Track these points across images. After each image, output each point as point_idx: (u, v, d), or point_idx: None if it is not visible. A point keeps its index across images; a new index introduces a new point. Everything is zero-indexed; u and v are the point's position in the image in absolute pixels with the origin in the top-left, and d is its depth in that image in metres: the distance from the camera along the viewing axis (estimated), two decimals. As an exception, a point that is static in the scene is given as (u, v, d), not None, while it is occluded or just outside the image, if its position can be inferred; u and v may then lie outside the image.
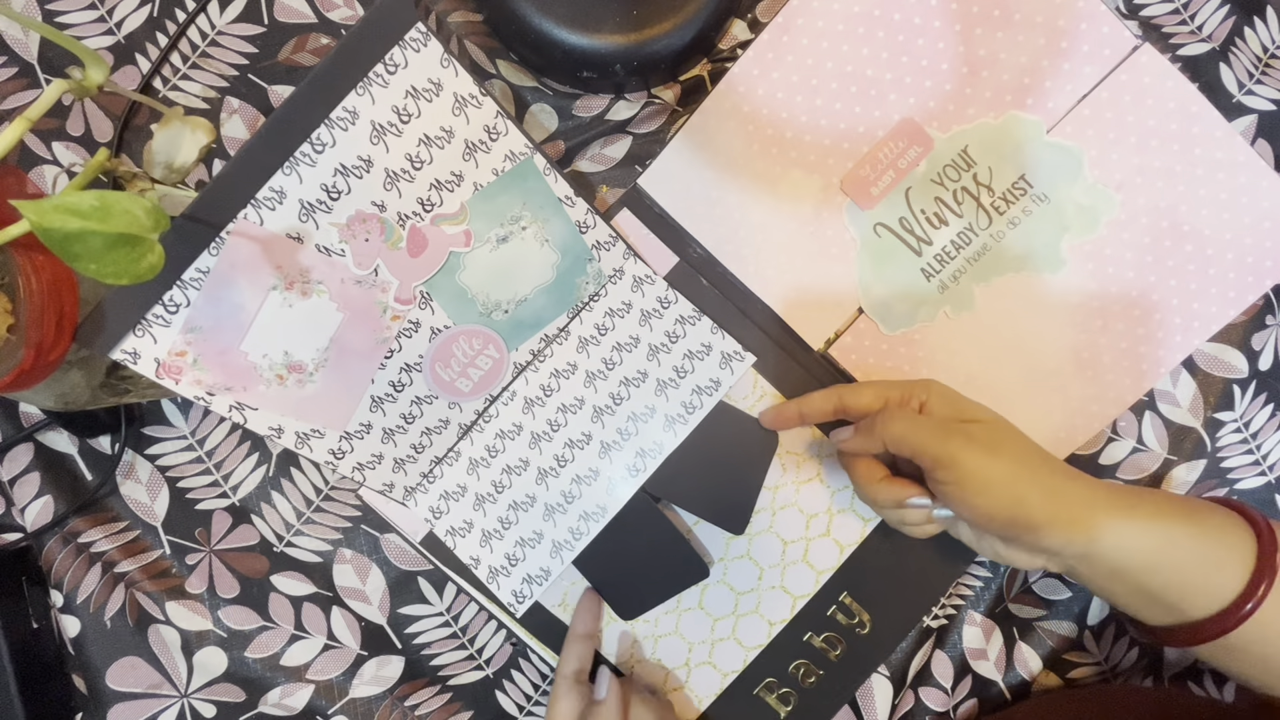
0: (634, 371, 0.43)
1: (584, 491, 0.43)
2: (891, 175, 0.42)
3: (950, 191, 0.42)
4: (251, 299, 0.33)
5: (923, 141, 0.42)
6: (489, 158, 0.36)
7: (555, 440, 0.43)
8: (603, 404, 0.43)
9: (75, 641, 0.44)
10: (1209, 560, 0.33)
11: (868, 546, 0.44)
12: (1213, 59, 0.44)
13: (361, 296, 0.35)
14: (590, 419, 0.43)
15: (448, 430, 0.42)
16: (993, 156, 0.42)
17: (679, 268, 0.44)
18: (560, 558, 0.43)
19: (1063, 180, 0.42)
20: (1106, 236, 0.42)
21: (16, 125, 0.27)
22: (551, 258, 0.40)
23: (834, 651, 0.44)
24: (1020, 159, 0.42)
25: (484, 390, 0.42)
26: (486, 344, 0.40)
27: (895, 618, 0.44)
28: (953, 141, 0.42)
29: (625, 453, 0.43)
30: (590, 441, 0.43)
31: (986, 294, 0.43)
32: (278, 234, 0.32)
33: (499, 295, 0.40)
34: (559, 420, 0.43)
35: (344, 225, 0.33)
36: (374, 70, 0.32)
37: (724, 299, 0.44)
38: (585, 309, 0.43)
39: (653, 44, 0.41)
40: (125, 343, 0.32)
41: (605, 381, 0.43)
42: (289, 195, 0.32)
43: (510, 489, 0.43)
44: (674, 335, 0.43)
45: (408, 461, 0.41)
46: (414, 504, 0.43)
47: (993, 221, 0.43)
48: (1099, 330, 0.43)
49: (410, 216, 0.35)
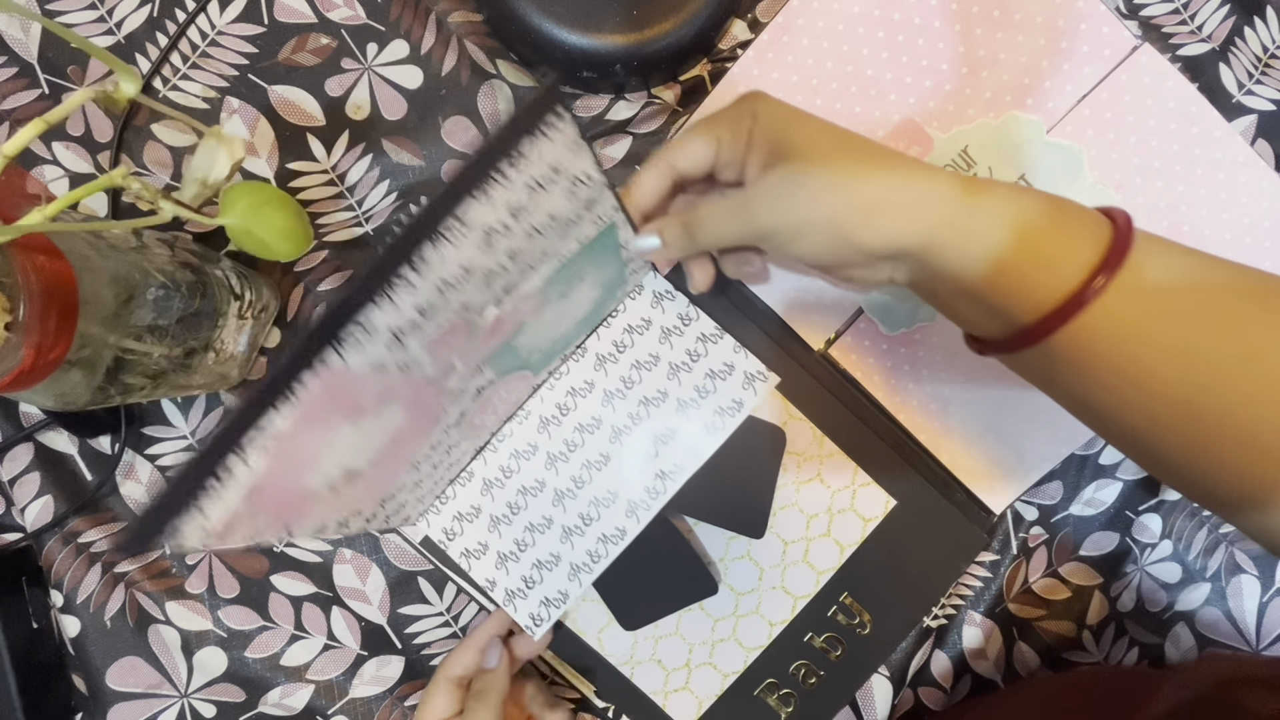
0: (654, 391, 0.42)
1: (602, 514, 0.42)
2: None
3: None
4: (320, 442, 0.27)
5: (923, 141, 0.42)
6: (580, 228, 0.31)
7: (572, 461, 0.42)
8: (621, 424, 0.42)
9: (75, 641, 0.44)
10: (1055, 251, 0.28)
11: (868, 546, 0.44)
12: (1213, 59, 0.44)
13: (430, 392, 0.32)
14: (608, 440, 0.42)
15: (459, 450, 0.41)
16: (993, 157, 0.42)
17: (677, 268, 0.44)
18: (579, 580, 0.43)
19: (1063, 180, 0.42)
20: None
21: (32, 127, 0.27)
22: (596, 294, 0.38)
23: (834, 652, 0.44)
24: (1020, 159, 0.42)
25: (504, 416, 0.41)
26: (520, 382, 0.39)
27: (896, 618, 0.44)
28: (953, 141, 0.42)
29: (645, 475, 0.42)
30: (608, 463, 0.42)
31: None
32: (363, 370, 0.26)
33: (543, 342, 0.38)
34: (575, 440, 0.42)
35: (435, 340, 0.28)
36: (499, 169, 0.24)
37: (723, 299, 0.44)
38: (603, 324, 0.42)
39: (653, 44, 0.41)
40: (180, 534, 0.24)
41: (624, 401, 0.42)
42: (379, 327, 0.25)
43: (526, 510, 0.43)
44: (695, 354, 0.42)
45: (420, 486, 0.40)
46: (426, 525, 0.43)
47: None
48: None
49: (496, 305, 0.30)
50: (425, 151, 0.45)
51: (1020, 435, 0.43)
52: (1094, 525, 0.46)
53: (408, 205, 0.45)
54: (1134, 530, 0.46)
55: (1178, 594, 0.46)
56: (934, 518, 0.43)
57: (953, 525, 0.43)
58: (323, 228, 0.45)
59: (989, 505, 0.44)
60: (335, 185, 0.45)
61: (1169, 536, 0.46)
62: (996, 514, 0.44)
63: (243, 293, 0.41)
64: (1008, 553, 0.45)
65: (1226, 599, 0.46)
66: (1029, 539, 0.46)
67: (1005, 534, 0.46)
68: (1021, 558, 0.46)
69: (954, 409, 0.43)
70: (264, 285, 0.43)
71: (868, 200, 0.28)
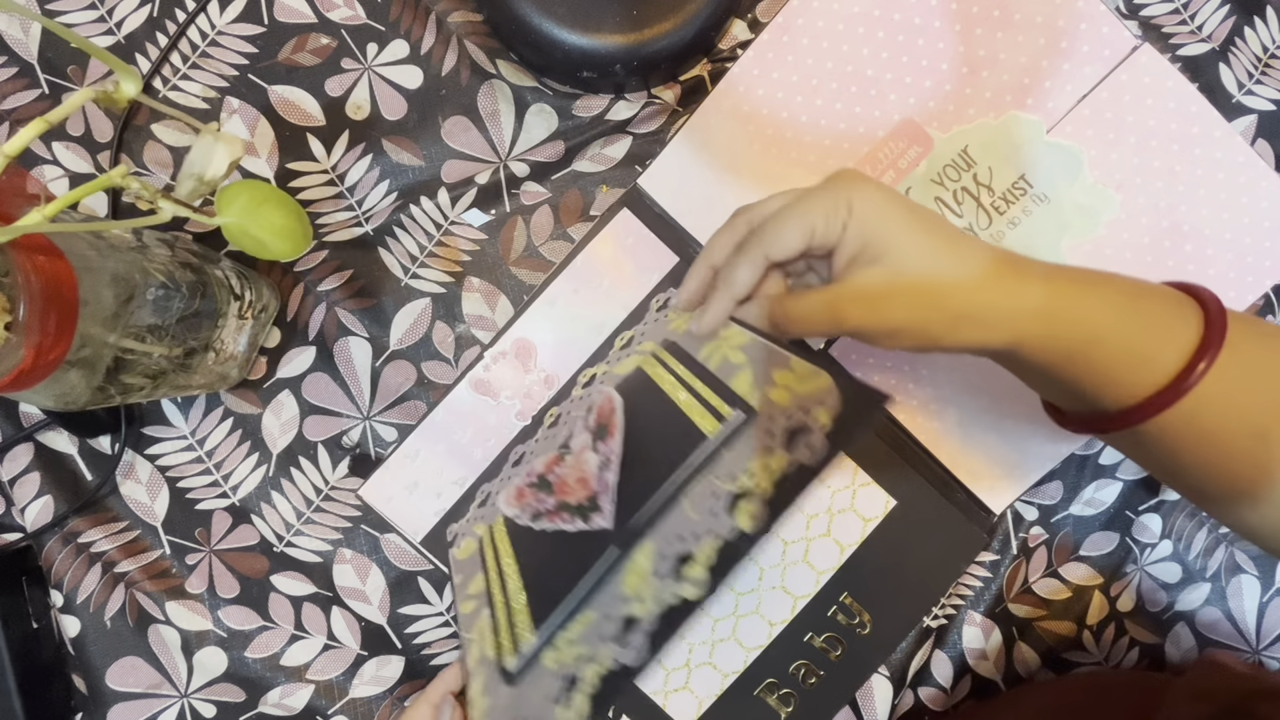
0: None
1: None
2: (892, 175, 0.42)
3: (950, 191, 0.42)
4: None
5: (923, 141, 0.42)
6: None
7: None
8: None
9: (75, 641, 0.44)
10: (1142, 344, 0.30)
11: (868, 546, 0.44)
12: (1212, 59, 0.44)
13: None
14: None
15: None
16: (993, 156, 0.42)
17: (679, 267, 0.44)
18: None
19: (1063, 180, 0.42)
20: (1106, 236, 0.42)
21: (32, 127, 0.27)
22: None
23: (834, 652, 0.44)
24: (1020, 159, 0.42)
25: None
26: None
27: (896, 618, 0.44)
28: (953, 141, 0.42)
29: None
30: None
31: None
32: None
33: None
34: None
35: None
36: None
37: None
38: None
39: (653, 44, 0.41)
40: None
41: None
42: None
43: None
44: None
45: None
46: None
47: (993, 221, 0.43)
48: None
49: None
50: (425, 151, 0.45)
51: (1020, 435, 0.43)
52: (1094, 525, 0.46)
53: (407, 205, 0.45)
54: (1134, 530, 0.46)
55: (1178, 594, 0.46)
56: (934, 518, 0.43)
57: (953, 525, 0.43)
58: (323, 228, 0.45)
59: (989, 505, 0.44)
60: (335, 185, 0.45)
61: (1169, 536, 0.46)
62: (996, 514, 0.44)
63: (243, 293, 0.41)
64: (1008, 553, 0.45)
65: (1226, 599, 0.46)
66: (1029, 539, 0.46)
67: (1005, 534, 0.46)
68: (1021, 558, 0.46)
69: (953, 409, 0.43)
70: (264, 285, 0.43)
71: (955, 313, 0.30)
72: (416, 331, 0.45)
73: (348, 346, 0.45)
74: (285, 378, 0.45)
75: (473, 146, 0.45)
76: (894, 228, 0.30)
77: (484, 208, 0.45)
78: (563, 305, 0.44)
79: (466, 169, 0.45)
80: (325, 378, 0.45)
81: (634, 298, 0.44)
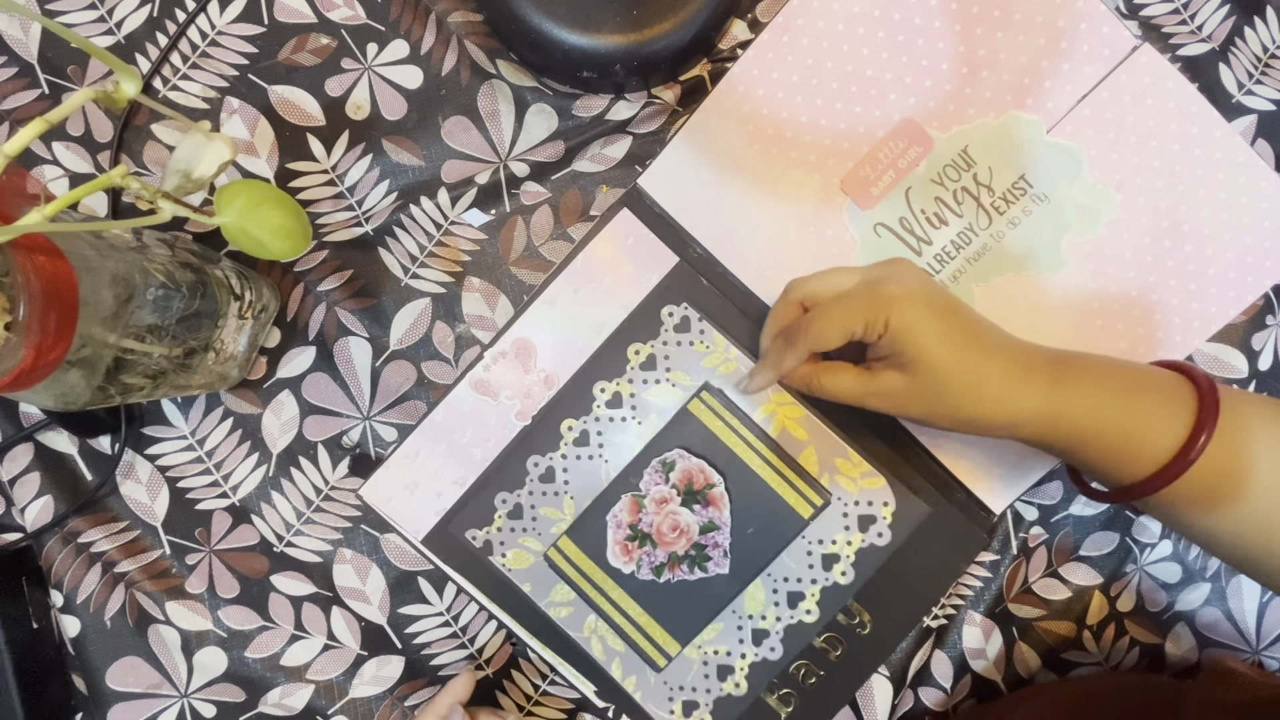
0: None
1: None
2: (892, 175, 0.42)
3: (950, 191, 0.42)
4: None
5: (923, 141, 0.42)
6: None
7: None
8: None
9: (75, 641, 0.44)
10: (1145, 428, 0.34)
11: (870, 547, 0.44)
12: (1212, 59, 0.44)
13: None
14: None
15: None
16: (993, 156, 0.42)
17: (679, 267, 0.44)
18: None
19: (1063, 180, 0.42)
20: (1106, 236, 0.42)
21: (32, 127, 0.27)
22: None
23: (835, 652, 0.44)
24: (1020, 159, 0.42)
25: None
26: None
27: (896, 618, 0.44)
28: (953, 141, 0.42)
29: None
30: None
31: (987, 294, 0.43)
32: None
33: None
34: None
35: None
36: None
37: (724, 298, 0.44)
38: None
39: (653, 44, 0.41)
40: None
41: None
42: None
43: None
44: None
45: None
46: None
47: (993, 221, 0.43)
48: (1099, 330, 0.43)
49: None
50: (425, 151, 0.45)
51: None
52: (1094, 525, 0.46)
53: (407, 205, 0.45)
54: (1134, 530, 0.46)
55: (1178, 594, 0.46)
56: (934, 518, 0.43)
57: (953, 525, 0.43)
58: (323, 228, 0.45)
59: (989, 505, 0.44)
60: (335, 185, 0.45)
61: (1169, 536, 0.46)
62: (996, 514, 0.44)
63: (243, 293, 0.41)
64: (1008, 553, 0.45)
65: (1226, 599, 0.46)
66: (1029, 539, 0.46)
67: (1005, 534, 0.46)
68: (1021, 558, 0.46)
69: None
70: (264, 285, 0.43)
71: (961, 417, 0.36)
72: (416, 331, 0.45)
73: (348, 346, 0.45)
74: (285, 378, 0.45)
75: (473, 146, 0.45)
76: (923, 344, 0.35)
77: (484, 208, 0.45)
78: (563, 305, 0.44)
79: (466, 169, 0.45)
80: (325, 378, 0.45)
81: (634, 297, 0.44)
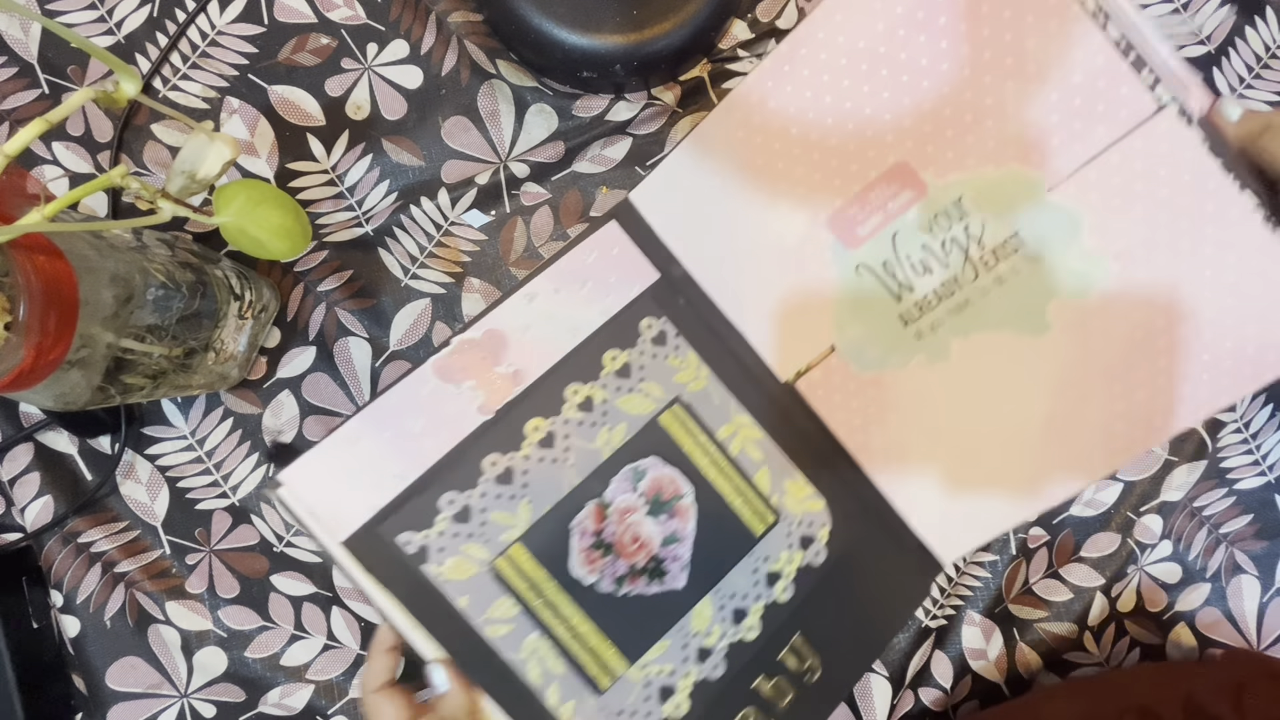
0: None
1: None
2: (880, 217, 0.41)
3: (939, 240, 0.40)
4: None
5: (916, 186, 0.40)
6: None
7: None
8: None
9: (75, 641, 0.44)
10: None
11: (808, 566, 0.43)
12: (1207, 62, 0.44)
13: None
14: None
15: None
16: (987, 210, 0.40)
17: (660, 283, 0.43)
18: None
19: (1058, 243, 0.39)
20: (1097, 306, 0.39)
21: (33, 127, 0.27)
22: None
23: (783, 700, 0.42)
24: (1016, 216, 0.39)
25: None
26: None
27: (844, 664, 0.43)
28: (947, 190, 0.40)
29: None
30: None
31: (964, 348, 0.41)
32: None
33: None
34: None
35: None
36: None
37: (699, 319, 0.43)
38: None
39: (653, 44, 0.41)
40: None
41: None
42: None
43: None
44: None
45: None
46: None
47: (979, 276, 0.40)
48: (1076, 401, 0.40)
49: None
50: (425, 151, 0.45)
51: (979, 494, 0.42)
52: (1094, 526, 0.46)
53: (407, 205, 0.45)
54: (1134, 531, 0.46)
55: (1178, 594, 0.46)
56: (884, 563, 0.43)
57: (900, 572, 0.43)
58: (323, 228, 0.45)
59: (939, 557, 0.43)
60: (335, 185, 0.45)
61: (1169, 537, 0.46)
62: (946, 565, 0.43)
63: (243, 292, 0.41)
64: (1005, 553, 0.45)
65: (1226, 599, 0.46)
66: (1029, 540, 0.46)
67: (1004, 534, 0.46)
68: (1021, 558, 0.46)
69: (915, 459, 0.42)
70: (264, 285, 0.43)
71: None
72: (416, 332, 0.45)
73: (347, 347, 0.45)
74: (285, 378, 0.45)
75: (473, 147, 0.45)
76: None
77: (484, 208, 0.45)
78: (541, 301, 0.42)
79: (466, 169, 0.45)
80: (325, 378, 0.45)
81: (614, 305, 0.43)
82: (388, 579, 0.39)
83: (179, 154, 0.33)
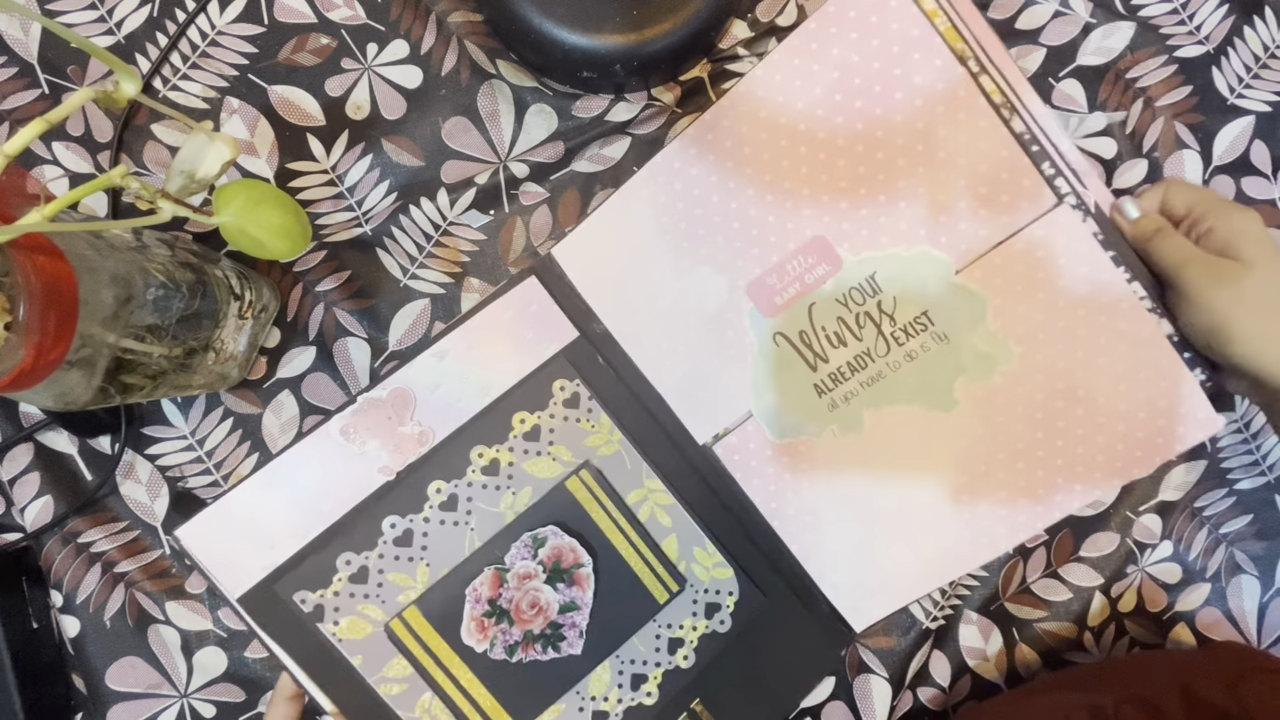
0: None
1: None
2: (797, 288, 0.41)
3: (853, 314, 0.41)
4: None
5: (832, 260, 0.41)
6: None
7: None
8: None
9: (75, 641, 0.44)
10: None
11: (725, 651, 0.43)
12: (1206, 62, 0.44)
13: None
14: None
15: None
16: (899, 287, 0.41)
17: (578, 342, 0.42)
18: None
19: (964, 323, 0.41)
20: (1000, 386, 0.41)
21: (33, 127, 0.27)
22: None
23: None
24: (925, 295, 0.41)
25: None
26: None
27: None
28: (862, 266, 0.41)
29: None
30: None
31: (876, 420, 0.42)
32: None
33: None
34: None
35: None
36: None
37: (618, 379, 0.42)
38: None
39: (653, 44, 0.41)
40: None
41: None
42: None
43: None
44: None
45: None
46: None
47: (890, 350, 0.41)
48: (981, 475, 0.41)
49: None
50: (425, 151, 0.45)
51: (891, 561, 0.42)
52: (1093, 526, 0.46)
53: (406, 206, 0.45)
54: (1134, 531, 0.46)
55: (1178, 594, 0.46)
56: (793, 629, 0.43)
57: (810, 639, 0.43)
58: (322, 228, 0.45)
59: (851, 623, 0.43)
60: (335, 185, 0.45)
61: (1169, 537, 0.46)
62: (858, 632, 0.43)
63: (243, 292, 0.41)
64: (1007, 553, 0.46)
65: (1226, 599, 0.46)
66: (1027, 540, 0.46)
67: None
68: (1018, 557, 0.46)
69: (829, 525, 0.42)
70: (264, 285, 0.43)
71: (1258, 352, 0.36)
72: (415, 332, 0.45)
73: (346, 347, 0.45)
74: (285, 378, 0.45)
75: (472, 147, 0.45)
76: (1263, 255, 0.36)
77: (483, 208, 0.45)
78: (452, 360, 0.42)
79: (466, 169, 0.45)
80: (325, 378, 0.45)
81: (528, 364, 0.42)
82: (282, 636, 0.40)
83: (179, 154, 0.33)
